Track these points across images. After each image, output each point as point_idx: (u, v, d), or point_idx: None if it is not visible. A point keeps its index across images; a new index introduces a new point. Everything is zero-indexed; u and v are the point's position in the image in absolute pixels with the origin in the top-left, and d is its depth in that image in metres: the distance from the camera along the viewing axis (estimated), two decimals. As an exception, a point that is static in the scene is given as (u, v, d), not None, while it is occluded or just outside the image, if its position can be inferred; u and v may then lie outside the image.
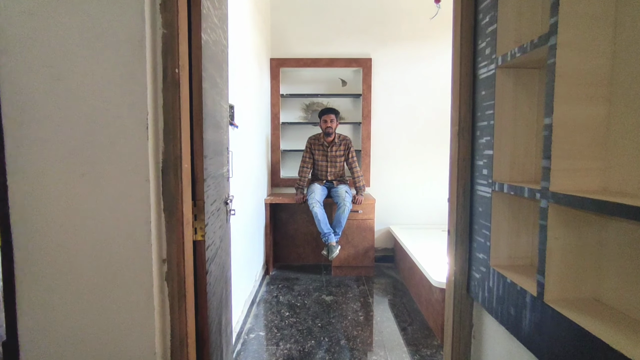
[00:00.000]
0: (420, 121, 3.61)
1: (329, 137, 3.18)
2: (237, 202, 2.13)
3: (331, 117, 3.12)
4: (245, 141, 2.45)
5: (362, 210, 3.24)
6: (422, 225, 3.63)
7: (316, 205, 3.00)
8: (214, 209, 1.34)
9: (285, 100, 3.70)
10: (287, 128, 3.72)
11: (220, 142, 1.48)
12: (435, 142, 3.61)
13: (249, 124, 2.60)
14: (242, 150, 2.35)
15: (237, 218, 2.18)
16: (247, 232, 2.51)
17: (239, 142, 2.25)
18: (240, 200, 2.25)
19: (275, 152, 3.58)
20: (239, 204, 2.23)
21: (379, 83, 3.58)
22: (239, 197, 2.20)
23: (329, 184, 3.28)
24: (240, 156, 2.30)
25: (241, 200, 2.30)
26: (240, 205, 2.28)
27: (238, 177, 2.21)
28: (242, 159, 2.36)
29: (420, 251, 2.79)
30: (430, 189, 3.65)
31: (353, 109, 3.73)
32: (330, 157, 3.21)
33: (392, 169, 3.65)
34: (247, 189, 2.53)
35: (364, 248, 3.26)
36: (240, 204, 2.25)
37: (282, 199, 3.27)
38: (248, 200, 2.56)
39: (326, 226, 3.01)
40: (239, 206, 2.23)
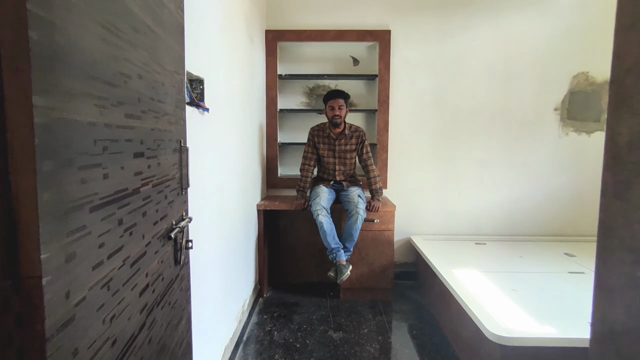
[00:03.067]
0: (449, 109, 2.94)
1: (337, 127, 2.52)
2: (206, 219, 1.48)
3: (339, 103, 2.46)
4: (224, 130, 1.80)
5: (378, 220, 2.59)
6: (451, 237, 2.97)
7: (321, 213, 2.36)
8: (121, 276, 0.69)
9: (284, 82, 3.03)
10: (287, 116, 3.07)
11: (159, 134, 0.84)
12: (468, 135, 2.94)
13: (232, 108, 1.95)
14: (218, 143, 1.70)
15: (209, 238, 1.54)
16: (228, 252, 1.88)
17: (213, 132, 1.60)
18: (211, 213, 1.62)
19: (271, 146, 2.93)
20: (211, 220, 1.59)
21: (400, 61, 2.91)
22: (208, 210, 1.56)
23: (337, 185, 2.63)
24: (215, 151, 1.65)
25: (214, 213, 1.66)
26: (214, 221, 1.64)
27: (207, 183, 1.57)
28: (218, 156, 1.71)
29: (456, 273, 2.15)
30: (461, 192, 2.99)
31: (367, 94, 3.06)
32: (338, 152, 2.56)
33: (414, 167, 2.99)
34: (227, 195, 1.89)
35: (380, 266, 2.62)
36: (212, 219, 1.62)
37: (279, 204, 2.62)
38: (230, 209, 1.91)
39: (334, 240, 2.37)
40: (211, 224, 1.59)
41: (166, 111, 0.92)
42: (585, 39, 2.83)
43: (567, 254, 2.59)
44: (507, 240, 2.91)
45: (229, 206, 1.87)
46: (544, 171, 2.95)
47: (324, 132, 2.56)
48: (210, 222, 1.55)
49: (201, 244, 1.41)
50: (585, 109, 2.89)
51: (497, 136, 2.94)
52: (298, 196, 2.60)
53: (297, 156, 2.94)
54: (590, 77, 2.86)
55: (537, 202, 2.96)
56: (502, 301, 1.88)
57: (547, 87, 2.89)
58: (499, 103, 2.91)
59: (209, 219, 1.53)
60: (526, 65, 2.87)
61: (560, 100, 2.89)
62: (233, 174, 1.95)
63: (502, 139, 2.94)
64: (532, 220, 2.98)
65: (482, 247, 2.77)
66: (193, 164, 1.31)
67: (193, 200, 1.30)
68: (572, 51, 2.84)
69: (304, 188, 2.60)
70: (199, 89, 1.46)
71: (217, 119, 1.64)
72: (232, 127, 1.93)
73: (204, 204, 1.46)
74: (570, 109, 2.89)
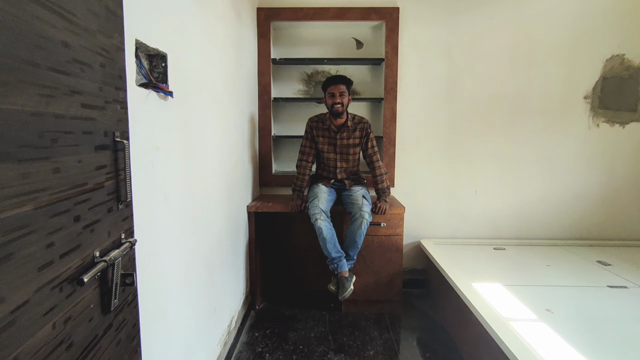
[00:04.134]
0: (465, 98, 2.61)
1: (338, 118, 2.19)
2: (170, 235, 1.17)
3: (341, 89, 2.13)
4: (200, 121, 1.48)
5: (385, 223, 2.28)
6: (466, 241, 2.66)
7: (320, 217, 2.05)
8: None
9: (278, 67, 2.71)
10: (282, 106, 2.74)
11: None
12: (486, 127, 2.61)
13: (213, 95, 1.63)
14: (188, 137, 1.39)
15: (175, 258, 1.24)
16: (208, 267, 1.57)
17: (181, 122, 1.28)
18: (179, 225, 1.31)
19: (264, 139, 2.61)
20: (179, 233, 1.29)
21: (409, 43, 2.57)
22: (175, 222, 1.25)
23: (338, 184, 2.31)
24: (185, 147, 1.34)
25: (184, 224, 1.36)
26: (184, 233, 1.34)
27: (172, 187, 1.26)
28: (190, 153, 1.40)
29: (476, 287, 1.84)
30: (477, 190, 2.67)
31: (371, 81, 2.73)
32: (340, 146, 2.24)
33: (425, 162, 2.67)
34: (203, 200, 1.59)
35: (387, 275, 2.32)
36: (180, 232, 1.31)
37: (273, 205, 2.31)
38: (208, 215, 1.61)
39: (335, 248, 2.06)
40: (178, 239, 1.29)
41: (78, 89, 0.61)
42: (621, 17, 2.48)
43: (601, 263, 2.27)
44: (529, 245, 2.60)
45: (207, 212, 1.56)
46: (572, 167, 2.62)
47: (324, 124, 2.23)
48: (177, 237, 1.24)
49: (161, 268, 1.10)
50: (620, 96, 2.55)
51: (519, 128, 2.61)
52: (294, 196, 2.29)
53: (294, 151, 2.62)
54: (627, 60, 2.52)
55: (563, 202, 2.64)
56: (535, 325, 1.58)
57: (576, 73, 2.55)
58: (521, 91, 2.58)
59: (175, 233, 1.22)
60: (552, 47, 2.53)
61: (591, 87, 2.55)
62: (213, 174, 1.64)
63: (524, 131, 2.61)
64: (557, 223, 2.66)
65: (502, 253, 2.46)
66: (147, 165, 1.00)
67: (147, 214, 0.99)
68: (606, 31, 2.50)
69: (301, 187, 2.28)
70: (160, 68, 1.14)
71: (189, 107, 1.32)
72: (213, 117, 1.61)
73: (168, 215, 1.15)
74: (602, 96, 2.56)
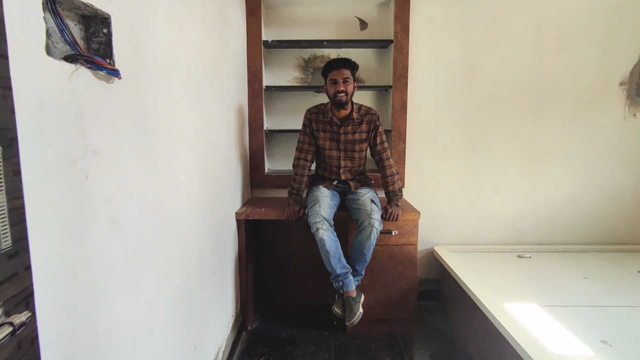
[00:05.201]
0: (485, 85, 2.29)
1: (341, 108, 1.85)
2: (123, 268, 0.84)
3: (344, 74, 1.79)
4: (164, 113, 1.14)
5: (397, 231, 1.96)
6: (486, 247, 2.36)
7: (322, 226, 1.72)
8: None
9: (271, 52, 2.36)
10: (275, 96, 2.40)
11: None
12: (508, 118, 2.30)
13: (185, 80, 1.29)
14: (146, 133, 1.05)
15: (126, 307, 0.91)
16: (179, 299, 1.24)
17: (134, 113, 0.94)
18: (131, 257, 0.98)
19: (256, 134, 2.27)
20: (131, 270, 0.95)
21: (422, 22, 2.24)
22: (124, 255, 0.91)
23: (342, 186, 1.99)
24: (140, 147, 1.00)
25: (145, 251, 1.03)
26: (143, 265, 1.01)
27: (119, 207, 0.92)
28: (149, 155, 1.06)
29: (509, 309, 1.54)
30: (498, 190, 2.36)
31: (378, 66, 2.39)
32: (344, 142, 1.91)
33: (440, 159, 2.36)
34: (171, 213, 1.25)
35: (399, 291, 2.01)
36: (131, 268, 0.98)
37: (266, 211, 1.98)
38: (178, 234, 1.28)
39: (339, 263, 1.74)
40: (130, 277, 0.96)
41: None
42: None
43: (645, 274, 1.98)
44: (557, 251, 2.30)
45: (182, 229, 1.23)
46: (605, 163, 2.32)
47: (325, 116, 1.90)
48: (135, 273, 0.91)
49: (107, 324, 0.77)
50: (660, 83, 2.25)
51: (545, 119, 2.30)
52: (290, 201, 1.95)
53: (290, 147, 2.29)
54: (670, 41, 2.22)
55: (595, 203, 2.35)
56: (593, 362, 1.28)
57: (611, 56, 2.24)
58: (549, 77, 2.26)
59: (130, 270, 0.88)
60: (584, 28, 2.22)
61: (628, 72, 2.25)
62: (189, 179, 1.30)
63: (552, 122, 2.30)
64: (588, 227, 2.37)
65: (528, 263, 2.16)
66: (76, 178, 0.66)
67: (78, 252, 0.65)
68: (646, 7, 2.19)
69: (299, 191, 1.95)
70: (101, 36, 0.80)
71: (150, 92, 0.98)
72: (188, 108, 1.27)
73: (118, 246, 0.82)
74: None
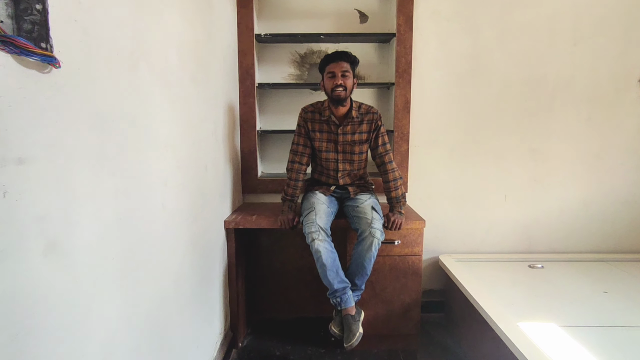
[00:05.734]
0: (495, 82, 2.13)
1: (340, 106, 1.69)
2: (64, 308, 0.68)
3: (343, 67, 1.63)
4: (125, 111, 0.98)
5: (399, 240, 1.81)
6: (494, 256, 2.20)
7: (318, 235, 1.56)
8: None
9: (264, 46, 2.20)
10: (269, 94, 2.24)
11: None
12: (520, 118, 2.14)
13: (162, 76, 1.13)
14: (101, 134, 0.89)
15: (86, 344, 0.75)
16: (157, 324, 1.09)
17: (82, 113, 0.78)
18: (78, 292, 0.82)
19: (248, 135, 2.11)
20: (85, 303, 0.79)
21: (426, 15, 2.08)
22: (81, 285, 0.75)
23: (341, 192, 1.83)
24: (92, 152, 0.84)
25: (103, 278, 0.87)
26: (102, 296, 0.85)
27: (65, 224, 0.76)
28: (107, 164, 0.90)
29: (525, 330, 1.38)
30: (508, 195, 2.20)
31: (379, 63, 2.23)
32: (343, 143, 1.75)
33: (445, 162, 2.20)
34: (144, 227, 1.09)
35: (402, 305, 1.85)
36: (87, 300, 0.82)
37: (258, 219, 1.83)
38: (165, 245, 1.12)
39: (337, 277, 1.58)
40: (89, 307, 0.80)
41: None
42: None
43: (669, 287, 1.83)
44: (570, 261, 2.15)
45: (154, 248, 1.07)
46: (622, 166, 2.16)
47: (322, 115, 1.74)
48: (78, 311, 0.75)
49: None
50: (683, 80, 2.09)
51: (559, 119, 2.14)
52: (284, 208, 1.79)
53: (284, 149, 2.13)
54: (695, 34, 2.06)
55: (611, 209, 2.19)
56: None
57: (630, 51, 2.08)
58: (564, 73, 2.10)
59: (73, 303, 0.73)
60: (602, 19, 2.06)
61: (649, 68, 2.09)
62: (164, 187, 1.14)
63: (565, 122, 2.14)
64: (604, 234, 2.21)
65: (540, 274, 2.00)
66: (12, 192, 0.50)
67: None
68: (668, -2, 2.03)
69: (293, 197, 1.79)
70: (34, 13, 0.64)
71: (104, 85, 0.82)
72: (159, 106, 1.11)
73: (63, 279, 0.66)
74: (661, 80, 2.10)
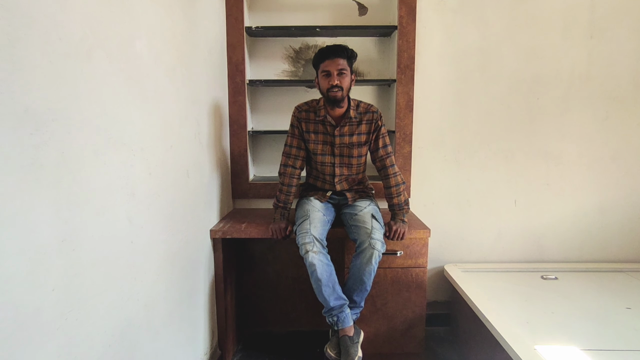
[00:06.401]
0: (505, 78, 1.97)
1: (336, 106, 1.54)
2: None
3: (339, 65, 1.47)
4: (70, 105, 0.83)
5: (402, 252, 1.66)
6: (503, 266, 2.04)
7: (313, 247, 1.41)
8: None
9: (256, 40, 2.05)
10: (262, 92, 2.09)
11: None
12: (532, 117, 1.99)
13: (120, 62, 0.98)
14: (33, 137, 0.73)
15: None
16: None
17: (6, 106, 0.63)
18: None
19: (238, 136, 1.96)
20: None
21: (431, 6, 1.92)
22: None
23: (338, 198, 1.68)
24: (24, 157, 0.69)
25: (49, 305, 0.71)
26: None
27: None
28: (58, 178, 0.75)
29: (542, 353, 1.23)
30: (518, 200, 2.05)
31: (379, 58, 2.08)
32: (340, 145, 1.60)
33: (450, 165, 2.04)
34: (106, 246, 0.94)
35: (405, 321, 1.70)
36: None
37: (248, 228, 1.67)
38: (136, 264, 0.97)
39: (334, 293, 1.43)
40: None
41: None
42: None
43: (697, 302, 1.67)
44: (586, 271, 1.99)
45: (106, 272, 0.92)
46: (643, 169, 2.01)
47: (317, 115, 1.59)
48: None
49: None
50: None
51: (573, 118, 1.98)
52: (276, 216, 1.64)
53: (279, 150, 1.98)
54: None
55: (630, 214, 2.03)
56: None
57: (651, 43, 1.93)
58: (579, 69, 1.95)
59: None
60: (621, 10, 1.90)
61: (672, 62, 1.93)
62: (129, 198, 0.99)
63: (581, 122, 1.99)
64: (622, 242, 2.05)
65: (555, 286, 1.85)
66: None
67: None
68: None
69: (286, 204, 1.64)
70: None
71: (37, 75, 0.67)
72: (122, 103, 0.96)
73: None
74: (685, 75, 1.94)
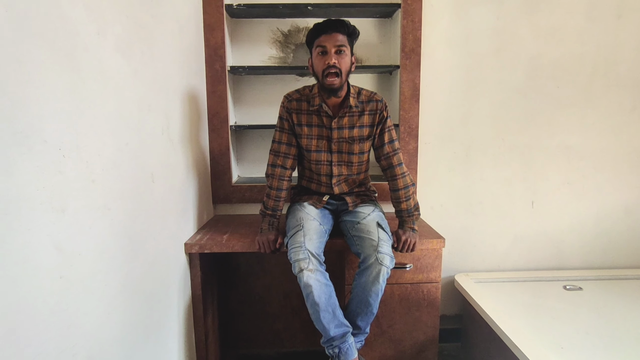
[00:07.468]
0: (521, 63, 1.75)
1: (332, 92, 1.28)
2: None
3: (338, 41, 1.21)
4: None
5: (412, 265, 1.42)
6: (520, 275, 1.83)
7: (309, 264, 1.16)
8: None
9: (239, 22, 1.78)
10: (246, 81, 1.82)
11: None
12: (551, 107, 1.77)
13: (43, 35, 0.71)
14: None
15: None
16: None
17: None
18: None
19: (218, 131, 1.69)
20: None
21: (438, -20, 1.69)
22: None
23: (336, 203, 1.43)
24: None
25: None
26: None
27: None
28: None
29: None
30: (536, 201, 1.84)
31: (379, 42, 1.83)
32: (338, 141, 1.34)
33: (461, 162, 1.82)
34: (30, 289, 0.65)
35: (415, 344, 1.47)
36: None
37: (229, 240, 1.41)
38: (71, 305, 0.70)
39: (334, 320, 1.18)
40: None
41: None
42: None
43: None
44: (612, 278, 1.80)
45: (24, 328, 0.65)
46: (672, 165, 1.82)
47: (310, 104, 1.33)
48: None
49: None
50: None
51: (597, 109, 1.78)
52: (264, 226, 1.38)
53: (266, 147, 1.72)
54: None
55: (659, 217, 1.85)
56: None
57: (682, 25, 1.73)
58: (604, 53, 1.74)
59: None
60: (648, -14, 1.70)
61: None
62: (60, 216, 0.72)
63: (605, 113, 1.78)
64: (650, 246, 1.87)
65: (580, 297, 1.64)
66: None
67: None
68: None
69: (275, 211, 1.38)
70: None
71: None
72: (50, 85, 0.69)
73: None
74: None
